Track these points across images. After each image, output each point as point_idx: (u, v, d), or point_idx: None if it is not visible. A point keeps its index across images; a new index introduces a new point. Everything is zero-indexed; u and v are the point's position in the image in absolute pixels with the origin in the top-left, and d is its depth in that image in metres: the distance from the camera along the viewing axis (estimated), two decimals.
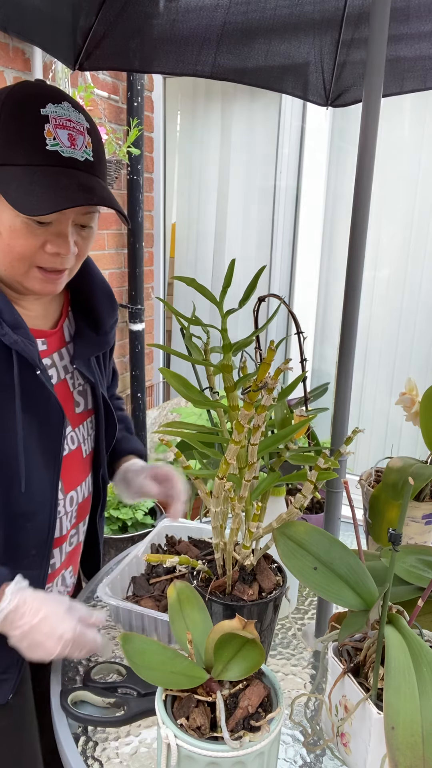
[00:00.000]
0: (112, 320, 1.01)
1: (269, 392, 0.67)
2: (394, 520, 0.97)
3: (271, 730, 0.60)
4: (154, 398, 3.19)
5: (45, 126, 0.76)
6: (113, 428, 1.06)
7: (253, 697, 0.62)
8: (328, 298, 2.64)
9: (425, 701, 0.56)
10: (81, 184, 0.77)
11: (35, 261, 0.81)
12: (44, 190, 0.75)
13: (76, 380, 0.98)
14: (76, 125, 0.79)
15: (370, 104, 0.81)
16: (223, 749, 0.57)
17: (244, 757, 0.58)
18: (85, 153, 0.79)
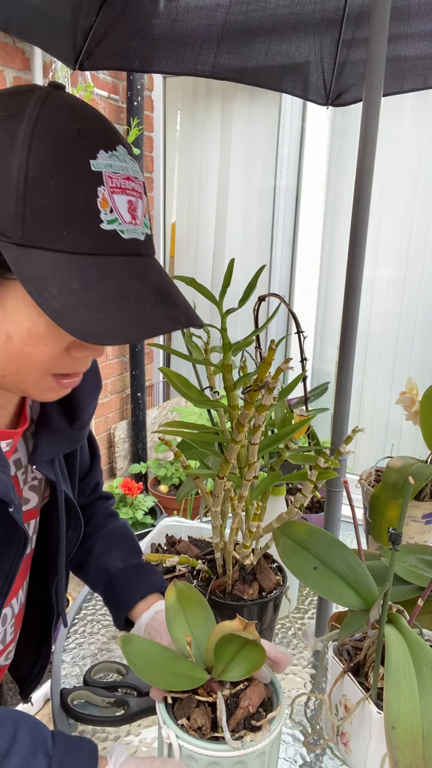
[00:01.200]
0: (92, 407, 0.77)
1: (269, 392, 0.67)
2: (394, 520, 0.97)
3: (272, 730, 0.60)
4: (154, 398, 3.19)
5: (98, 190, 0.51)
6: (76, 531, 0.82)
7: (254, 697, 0.62)
8: (328, 298, 2.64)
9: (425, 701, 0.56)
10: (155, 288, 0.54)
11: (53, 368, 0.58)
12: (109, 303, 0.50)
13: (29, 474, 0.74)
14: (135, 183, 0.54)
15: (370, 104, 0.81)
16: (225, 749, 0.57)
17: (246, 756, 0.58)
18: (145, 225, 0.56)
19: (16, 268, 0.49)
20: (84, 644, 1.01)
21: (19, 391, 0.61)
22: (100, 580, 0.86)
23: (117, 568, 0.85)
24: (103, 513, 0.94)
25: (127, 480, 2.58)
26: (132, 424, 2.96)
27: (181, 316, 0.54)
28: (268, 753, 0.61)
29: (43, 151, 0.49)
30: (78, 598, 1.13)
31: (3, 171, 0.49)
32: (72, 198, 0.50)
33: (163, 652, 0.64)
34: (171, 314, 0.53)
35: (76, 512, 0.80)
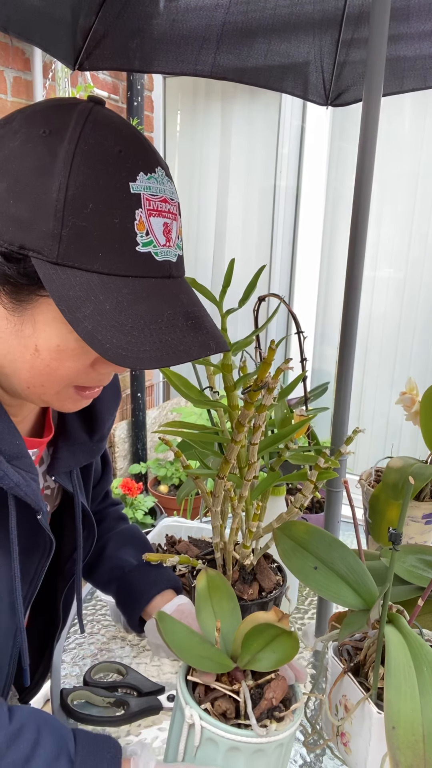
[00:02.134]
0: (111, 419, 0.77)
1: (269, 392, 0.67)
2: (394, 520, 0.97)
3: (294, 722, 0.61)
4: (154, 398, 3.19)
5: (136, 213, 0.51)
6: (88, 541, 0.82)
7: (278, 691, 0.62)
8: (328, 298, 2.64)
9: (426, 701, 0.56)
10: (187, 313, 0.54)
11: (75, 381, 0.58)
12: (141, 327, 0.50)
13: (42, 483, 0.74)
14: (171, 205, 0.54)
15: (370, 104, 0.81)
16: (248, 734, 0.57)
17: (266, 745, 0.58)
18: (178, 247, 0.55)
19: (51, 287, 0.49)
20: (84, 644, 1.01)
21: (42, 402, 0.61)
22: (113, 579, 0.86)
23: (131, 565, 0.85)
24: (113, 516, 0.95)
25: (127, 480, 2.58)
26: (132, 424, 2.96)
27: (211, 342, 0.54)
28: (286, 746, 0.61)
29: (83, 171, 0.49)
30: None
31: (43, 189, 0.49)
32: (110, 220, 0.50)
33: (192, 634, 0.64)
34: (201, 341, 0.53)
35: (90, 522, 0.80)
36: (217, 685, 0.62)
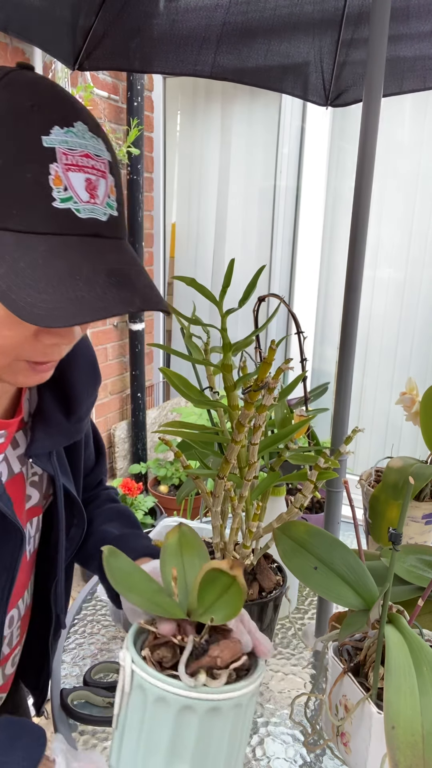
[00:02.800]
0: (90, 400, 0.75)
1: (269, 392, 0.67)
2: (394, 520, 0.97)
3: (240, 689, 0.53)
4: (154, 398, 3.19)
5: (51, 167, 0.49)
6: (79, 528, 0.81)
7: (226, 651, 0.56)
8: (328, 298, 2.64)
9: (425, 701, 0.56)
10: (111, 270, 0.51)
11: (22, 354, 0.56)
12: (56, 284, 0.48)
13: (29, 469, 0.73)
14: (96, 161, 0.52)
15: (370, 104, 0.81)
16: (175, 684, 0.51)
17: (196, 702, 0.51)
18: (108, 206, 0.53)
19: None
20: (84, 644, 1.01)
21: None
22: (95, 553, 0.82)
23: (113, 535, 0.82)
24: (104, 498, 0.93)
25: (127, 480, 2.58)
26: (132, 425, 2.96)
27: (137, 299, 0.51)
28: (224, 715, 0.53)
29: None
30: (78, 599, 1.13)
31: None
32: (22, 175, 0.48)
33: (149, 582, 0.61)
34: (124, 297, 0.50)
35: (79, 509, 0.79)
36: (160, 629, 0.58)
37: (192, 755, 0.52)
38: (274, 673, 0.95)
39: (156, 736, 0.52)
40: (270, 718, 0.86)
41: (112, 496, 0.94)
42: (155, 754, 0.52)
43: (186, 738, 0.52)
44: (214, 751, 0.53)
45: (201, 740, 0.52)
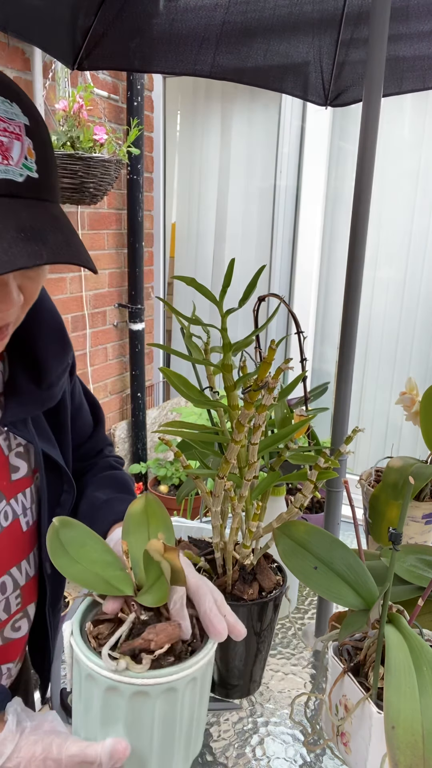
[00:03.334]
0: (61, 368, 0.76)
1: (269, 392, 0.67)
2: (395, 520, 0.97)
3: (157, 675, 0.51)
4: (154, 398, 3.19)
5: None
6: (69, 494, 0.81)
7: (162, 635, 0.53)
8: (328, 298, 2.64)
9: (425, 700, 0.56)
10: (22, 227, 0.52)
11: None
12: None
13: (12, 440, 0.75)
14: (9, 124, 0.53)
15: (370, 104, 0.81)
16: (102, 666, 0.51)
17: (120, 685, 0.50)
18: (26, 167, 0.53)
19: None
20: None
21: None
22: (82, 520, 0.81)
23: (100, 500, 0.82)
24: (103, 465, 0.92)
25: None
26: (132, 424, 2.96)
27: (45, 252, 0.51)
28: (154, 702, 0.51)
29: None
30: (78, 600, 1.13)
31: None
32: None
33: (105, 553, 0.59)
34: (31, 251, 0.50)
35: (67, 477, 0.79)
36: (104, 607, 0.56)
37: (124, 726, 0.52)
38: (274, 673, 0.95)
39: (91, 707, 0.53)
40: (270, 718, 0.86)
41: (112, 463, 0.93)
42: (93, 720, 0.53)
43: (116, 714, 0.52)
44: (146, 728, 0.53)
45: (130, 716, 0.52)
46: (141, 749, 0.53)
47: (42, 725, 0.56)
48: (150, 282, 3.02)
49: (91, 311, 2.61)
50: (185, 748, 0.57)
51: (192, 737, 0.57)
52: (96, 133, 1.92)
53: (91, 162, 1.88)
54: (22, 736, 0.54)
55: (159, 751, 0.54)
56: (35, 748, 0.53)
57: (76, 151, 1.86)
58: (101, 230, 2.61)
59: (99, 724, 0.53)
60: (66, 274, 2.42)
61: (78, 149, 1.88)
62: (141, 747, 0.53)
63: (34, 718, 0.57)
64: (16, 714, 0.56)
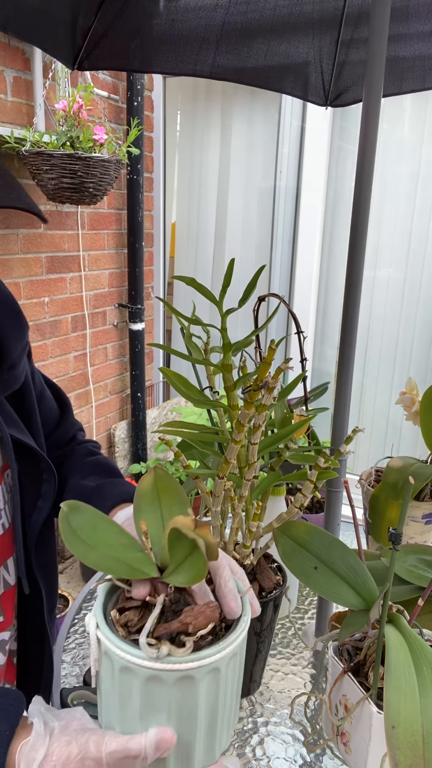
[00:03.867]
0: (20, 347, 0.75)
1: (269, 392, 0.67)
2: (395, 520, 0.97)
3: (200, 657, 0.48)
4: (154, 398, 3.19)
5: None
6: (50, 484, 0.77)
7: (200, 618, 0.51)
8: (328, 298, 2.64)
9: (426, 700, 0.56)
10: None
11: None
12: None
13: None
14: None
15: (370, 104, 0.81)
16: (139, 656, 0.48)
17: (162, 673, 0.47)
18: None
19: None
20: (84, 644, 1.01)
21: None
22: None
23: (90, 488, 0.79)
24: (81, 453, 0.89)
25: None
26: (132, 424, 2.96)
27: None
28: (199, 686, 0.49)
29: None
30: (78, 598, 1.13)
31: None
32: None
33: (119, 535, 0.56)
34: None
35: (47, 464, 0.75)
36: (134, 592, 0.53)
37: (168, 714, 0.49)
38: (274, 673, 0.95)
39: (128, 699, 0.50)
40: (270, 718, 0.86)
41: (90, 449, 0.90)
42: (131, 713, 0.50)
43: (158, 703, 0.49)
44: (192, 713, 0.50)
45: (174, 704, 0.49)
46: (186, 735, 0.50)
47: (70, 724, 0.53)
48: (150, 282, 3.02)
49: (91, 311, 2.61)
50: (228, 725, 0.55)
51: (233, 713, 0.55)
52: (96, 133, 1.92)
53: (90, 162, 1.88)
54: (52, 738, 0.51)
55: (205, 734, 0.51)
56: (70, 748, 0.50)
57: (75, 151, 1.86)
58: (101, 230, 2.61)
59: (138, 717, 0.50)
60: (66, 274, 2.42)
61: (78, 149, 1.88)
62: (186, 733, 0.50)
63: (61, 717, 0.54)
64: (41, 715, 0.53)
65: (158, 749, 0.48)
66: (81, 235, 2.47)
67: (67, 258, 2.41)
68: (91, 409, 2.69)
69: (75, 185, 1.90)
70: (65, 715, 0.54)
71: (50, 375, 2.42)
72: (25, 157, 1.87)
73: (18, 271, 2.17)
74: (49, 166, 1.84)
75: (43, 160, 1.84)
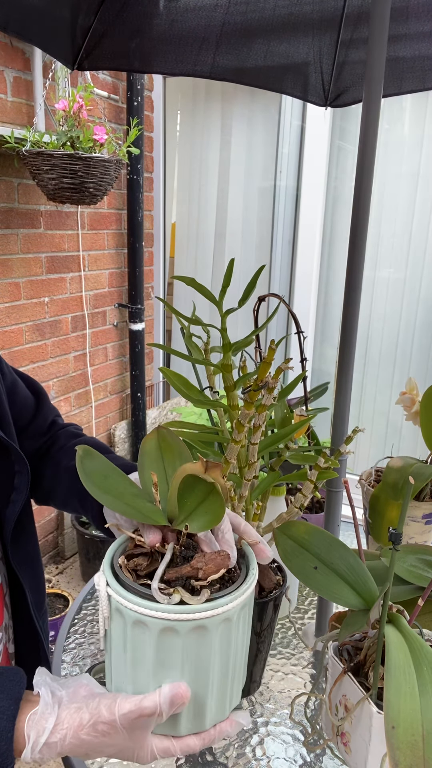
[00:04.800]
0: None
1: (269, 392, 0.67)
2: (395, 520, 0.97)
3: (213, 606, 0.47)
4: (154, 398, 3.19)
5: None
6: (23, 475, 0.74)
7: (210, 565, 0.51)
8: (328, 298, 2.64)
9: (425, 700, 0.56)
10: None
11: None
12: None
13: None
14: None
15: (370, 104, 0.81)
16: (153, 608, 0.47)
17: (176, 624, 0.46)
18: None
19: None
20: (84, 644, 1.01)
21: None
22: (73, 489, 0.78)
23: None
24: (66, 436, 0.88)
25: None
26: (132, 424, 2.96)
27: None
28: (213, 637, 0.48)
29: None
30: (78, 598, 1.13)
31: None
32: None
33: (128, 485, 0.56)
34: None
35: (17, 455, 0.73)
36: (139, 539, 0.54)
37: (181, 669, 0.49)
38: (274, 673, 0.95)
39: (141, 656, 0.49)
40: (270, 718, 0.86)
41: (73, 431, 0.89)
42: (143, 670, 0.50)
43: (172, 656, 0.49)
44: (205, 666, 0.50)
45: (188, 656, 0.49)
46: (199, 689, 0.50)
47: (78, 691, 0.52)
48: (150, 282, 3.02)
49: (91, 311, 2.61)
50: (239, 681, 0.55)
51: (243, 669, 0.55)
52: (96, 133, 1.92)
53: (91, 162, 1.88)
54: (61, 707, 0.50)
55: (217, 690, 0.51)
56: (81, 715, 0.49)
57: (75, 151, 1.86)
58: (101, 230, 2.61)
59: (151, 674, 0.49)
60: (66, 275, 2.42)
61: (78, 149, 1.88)
62: (199, 687, 0.50)
63: (68, 685, 0.53)
64: (47, 685, 0.53)
65: (173, 705, 0.48)
66: (81, 235, 2.47)
67: (67, 258, 2.41)
68: (91, 409, 2.69)
69: (75, 185, 1.90)
70: (72, 683, 0.53)
71: (50, 375, 2.42)
72: (25, 157, 1.87)
73: (18, 271, 2.17)
74: (50, 166, 1.84)
75: (43, 160, 1.84)
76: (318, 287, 2.63)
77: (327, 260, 2.62)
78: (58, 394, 2.49)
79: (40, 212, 2.24)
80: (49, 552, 2.58)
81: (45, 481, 0.83)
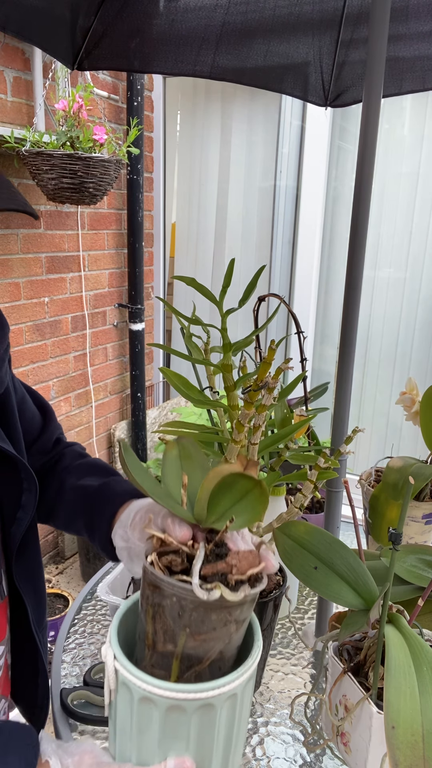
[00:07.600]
0: (2, 348, 0.72)
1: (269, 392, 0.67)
2: (395, 520, 0.97)
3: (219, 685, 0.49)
4: (154, 398, 3.19)
5: None
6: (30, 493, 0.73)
7: (244, 563, 0.51)
8: (328, 298, 2.64)
9: (425, 700, 0.56)
10: None
11: None
12: None
13: None
14: None
15: (370, 104, 0.81)
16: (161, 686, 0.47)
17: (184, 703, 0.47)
18: None
19: None
20: (84, 644, 1.01)
21: None
22: (77, 509, 0.78)
23: (93, 487, 0.77)
24: (72, 455, 0.87)
25: None
26: (132, 424, 2.96)
27: None
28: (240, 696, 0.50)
29: None
30: (78, 599, 1.13)
31: None
32: None
33: (157, 485, 0.57)
34: None
35: (27, 473, 0.72)
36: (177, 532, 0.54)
37: (186, 742, 0.50)
38: (274, 673, 0.95)
39: (146, 728, 0.50)
40: (270, 718, 0.86)
41: (79, 451, 0.89)
42: (149, 741, 0.51)
43: (178, 731, 0.50)
44: (210, 740, 0.51)
45: (194, 731, 0.50)
46: (203, 761, 0.51)
47: (84, 759, 0.53)
48: (150, 282, 3.02)
49: (91, 311, 2.61)
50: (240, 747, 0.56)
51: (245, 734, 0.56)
52: (96, 133, 1.92)
53: (90, 162, 1.88)
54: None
55: (221, 757, 0.53)
56: None
57: (75, 151, 1.86)
58: (101, 230, 2.61)
59: (156, 746, 0.50)
60: (66, 275, 2.42)
61: (78, 149, 1.88)
62: (203, 759, 0.51)
63: (72, 753, 0.54)
64: (55, 753, 0.54)
65: None
66: (81, 235, 2.47)
67: (67, 258, 2.41)
68: (91, 409, 2.69)
69: (75, 185, 1.90)
70: (76, 749, 0.54)
71: (50, 375, 2.42)
72: (25, 157, 1.87)
73: (18, 271, 2.17)
74: (49, 166, 1.84)
75: (43, 160, 1.84)
76: (318, 287, 2.63)
77: (327, 260, 2.62)
78: (58, 394, 2.49)
79: (40, 212, 2.25)
80: (49, 552, 2.58)
81: (47, 499, 0.83)
